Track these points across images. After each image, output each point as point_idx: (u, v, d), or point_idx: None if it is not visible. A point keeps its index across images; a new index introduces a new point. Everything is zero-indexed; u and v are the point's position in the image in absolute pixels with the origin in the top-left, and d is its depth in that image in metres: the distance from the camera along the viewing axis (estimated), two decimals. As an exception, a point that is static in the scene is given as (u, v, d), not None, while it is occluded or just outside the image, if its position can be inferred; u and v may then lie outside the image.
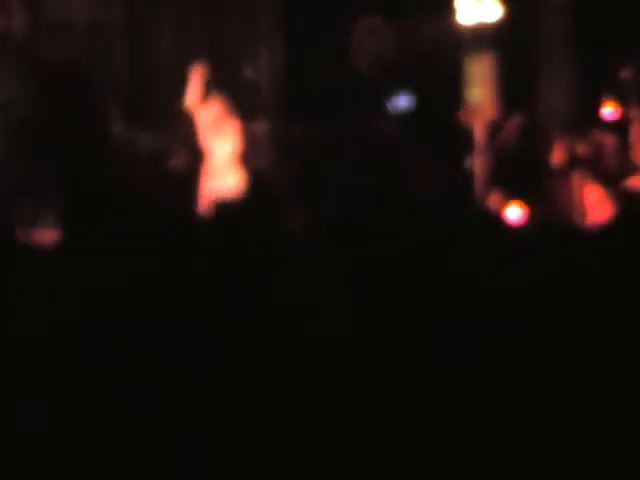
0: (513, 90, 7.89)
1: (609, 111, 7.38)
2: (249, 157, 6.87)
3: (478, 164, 7.31)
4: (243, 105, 7.03)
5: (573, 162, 7.50)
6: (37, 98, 6.60)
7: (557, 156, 7.50)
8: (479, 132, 7.39)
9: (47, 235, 5.20)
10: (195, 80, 6.79)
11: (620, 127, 7.37)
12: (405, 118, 6.45)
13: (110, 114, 6.89)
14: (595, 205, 7.14)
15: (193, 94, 6.76)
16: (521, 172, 7.29)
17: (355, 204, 5.09)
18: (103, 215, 2.91)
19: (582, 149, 7.43)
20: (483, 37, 7.81)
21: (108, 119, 6.81)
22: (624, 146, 7.34)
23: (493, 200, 6.90)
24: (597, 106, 7.60)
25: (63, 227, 3.84)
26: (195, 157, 6.81)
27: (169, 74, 7.43)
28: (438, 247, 2.09)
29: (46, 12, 7.18)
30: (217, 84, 6.83)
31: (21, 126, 6.58)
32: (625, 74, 7.48)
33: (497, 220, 2.93)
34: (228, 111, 6.81)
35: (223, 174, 6.67)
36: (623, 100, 7.36)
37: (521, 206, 6.82)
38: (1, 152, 6.61)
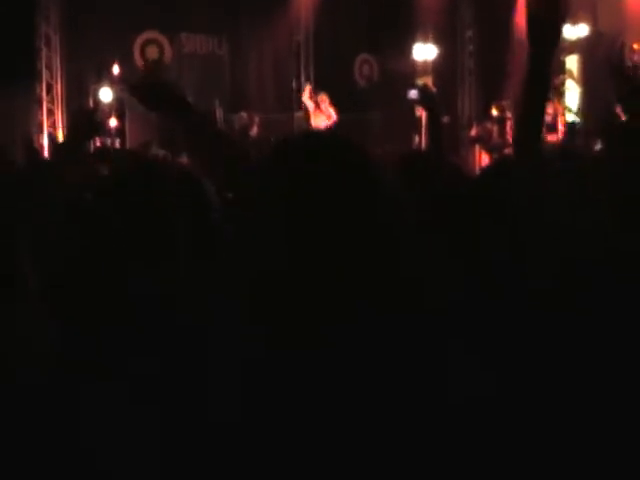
0: (442, 99, 13.31)
1: (495, 112, 12.60)
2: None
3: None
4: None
5: (474, 139, 13.11)
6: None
7: (467, 135, 13.15)
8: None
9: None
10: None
11: (501, 120, 12.53)
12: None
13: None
14: (485, 163, 12.55)
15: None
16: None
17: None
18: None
19: (479, 132, 12.99)
20: (427, 66, 13.48)
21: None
22: (503, 131, 12.54)
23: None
24: (489, 108, 12.90)
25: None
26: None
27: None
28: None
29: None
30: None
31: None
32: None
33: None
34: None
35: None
36: (502, 106, 12.73)
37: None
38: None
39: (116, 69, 12.03)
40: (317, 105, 12.13)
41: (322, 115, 12.05)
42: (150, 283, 1.71)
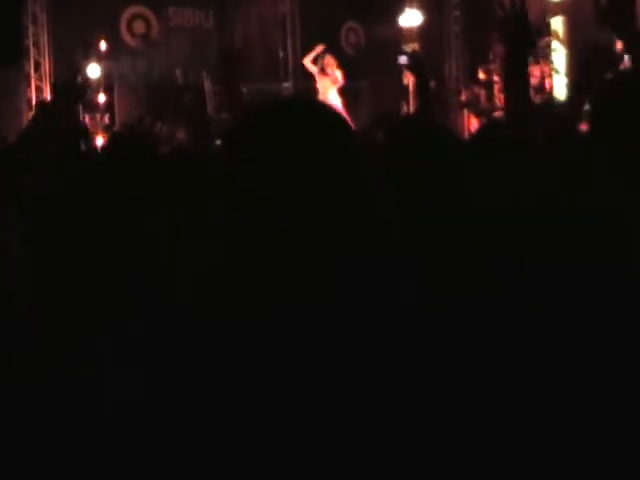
0: (429, 65, 13.40)
1: (482, 76, 12.71)
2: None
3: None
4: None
5: (464, 104, 13.21)
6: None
7: (457, 100, 13.25)
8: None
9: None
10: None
11: (488, 84, 12.71)
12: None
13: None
14: (474, 127, 12.68)
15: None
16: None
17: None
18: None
19: (468, 96, 13.08)
20: (413, 33, 13.51)
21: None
22: (491, 95, 12.81)
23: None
24: (476, 72, 13.01)
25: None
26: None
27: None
28: None
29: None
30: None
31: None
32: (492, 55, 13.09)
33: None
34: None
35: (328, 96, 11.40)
36: (489, 70, 12.81)
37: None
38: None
39: (103, 45, 12.06)
40: (321, 69, 11.76)
41: (327, 79, 11.70)
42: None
